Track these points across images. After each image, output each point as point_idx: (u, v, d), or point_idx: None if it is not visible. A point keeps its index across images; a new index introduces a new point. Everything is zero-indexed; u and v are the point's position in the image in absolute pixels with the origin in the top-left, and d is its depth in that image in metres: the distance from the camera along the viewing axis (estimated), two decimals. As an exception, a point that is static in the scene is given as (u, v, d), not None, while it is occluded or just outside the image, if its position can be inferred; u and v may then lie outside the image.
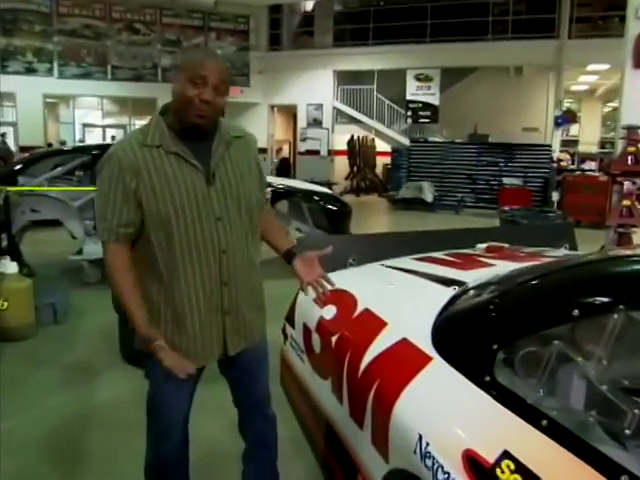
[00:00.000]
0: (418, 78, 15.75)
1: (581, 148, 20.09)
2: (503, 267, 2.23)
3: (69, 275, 5.98)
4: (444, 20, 14.91)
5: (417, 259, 2.59)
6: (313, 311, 2.21)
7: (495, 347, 1.37)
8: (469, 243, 2.90)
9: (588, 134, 21.21)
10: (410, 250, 2.77)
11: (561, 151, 15.79)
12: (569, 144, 18.93)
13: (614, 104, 23.20)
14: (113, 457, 2.80)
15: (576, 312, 1.23)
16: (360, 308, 1.99)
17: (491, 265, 2.29)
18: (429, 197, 13.79)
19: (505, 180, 13.41)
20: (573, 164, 15.67)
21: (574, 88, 18.94)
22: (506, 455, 1.17)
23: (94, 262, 5.90)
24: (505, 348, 1.36)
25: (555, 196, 12.16)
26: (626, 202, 4.89)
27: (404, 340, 1.69)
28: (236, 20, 15.94)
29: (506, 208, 7.15)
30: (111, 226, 1.66)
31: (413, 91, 15.95)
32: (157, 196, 1.64)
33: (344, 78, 16.86)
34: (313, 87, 16.41)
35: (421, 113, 16.03)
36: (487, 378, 1.35)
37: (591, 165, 15.08)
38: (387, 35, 15.46)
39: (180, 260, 1.68)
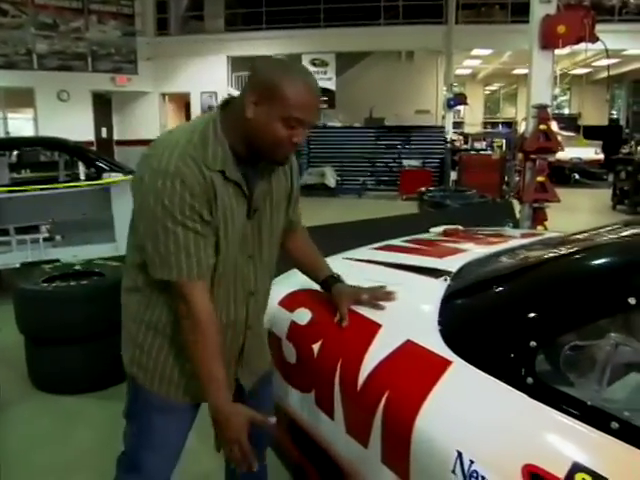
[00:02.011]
0: (314, 63, 15.63)
1: (467, 129, 21.21)
2: (477, 251, 2.12)
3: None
4: (337, 5, 14.88)
5: (377, 248, 2.42)
6: (281, 316, 1.97)
7: (534, 344, 1.22)
8: (417, 228, 2.79)
9: (473, 116, 22.45)
10: (359, 241, 2.60)
11: (452, 132, 16.47)
12: (456, 125, 19.86)
13: (493, 87, 24.78)
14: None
15: (633, 300, 1.10)
16: (342, 309, 1.77)
17: (462, 250, 2.17)
18: (332, 182, 13.81)
19: (404, 162, 13.73)
20: (466, 144, 16.42)
21: (458, 72, 19.84)
22: (578, 468, 1.02)
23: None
24: (545, 345, 1.22)
25: (453, 175, 12.67)
26: (540, 178, 5.08)
27: (409, 343, 1.50)
28: (119, 2, 14.80)
29: (423, 189, 7.24)
30: (199, 260, 1.34)
31: (309, 76, 15.81)
32: (217, 229, 1.38)
33: (239, 64, 16.36)
34: (206, 74, 15.76)
35: (318, 99, 15.94)
36: (530, 380, 1.19)
37: (482, 144, 15.89)
38: (281, 20, 15.18)
39: (214, 304, 1.42)
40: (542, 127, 5.02)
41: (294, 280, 2.12)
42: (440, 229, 2.64)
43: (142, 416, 1.55)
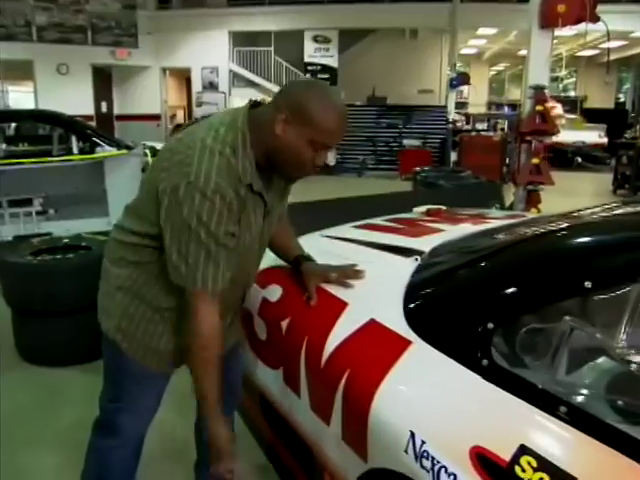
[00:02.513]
0: (316, 39, 15.44)
1: (471, 110, 20.99)
2: (454, 232, 2.10)
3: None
4: (341, -20, 14.64)
5: (358, 227, 2.41)
6: (253, 292, 1.96)
7: (491, 326, 1.21)
8: (404, 207, 2.77)
9: (477, 96, 22.18)
10: (344, 218, 2.58)
11: (455, 112, 16.32)
12: (460, 106, 19.65)
13: (499, 67, 24.45)
14: (23, 476, 2.41)
15: (588, 284, 1.09)
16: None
17: (441, 230, 2.15)
18: (332, 161, 13.71)
19: (405, 142, 13.62)
20: (467, 125, 16.27)
21: (463, 52, 19.58)
22: (524, 450, 1.02)
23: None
24: (502, 327, 1.21)
25: (453, 156, 12.57)
26: (535, 160, 5.02)
27: (372, 322, 1.50)
28: (120, -26, 14.62)
29: (418, 169, 7.19)
30: (224, 275, 1.36)
31: (311, 53, 15.64)
32: (238, 239, 1.41)
33: (240, 39, 16.16)
34: (208, 49, 15.59)
35: (320, 76, 15.75)
36: (485, 362, 1.19)
37: (484, 125, 15.74)
38: (283, -5, 14.95)
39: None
40: (539, 108, 4.95)
41: (268, 256, 2.11)
42: (423, 209, 2.62)
43: (120, 382, 1.60)
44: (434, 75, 17.11)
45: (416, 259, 1.73)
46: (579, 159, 14.84)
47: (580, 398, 1.07)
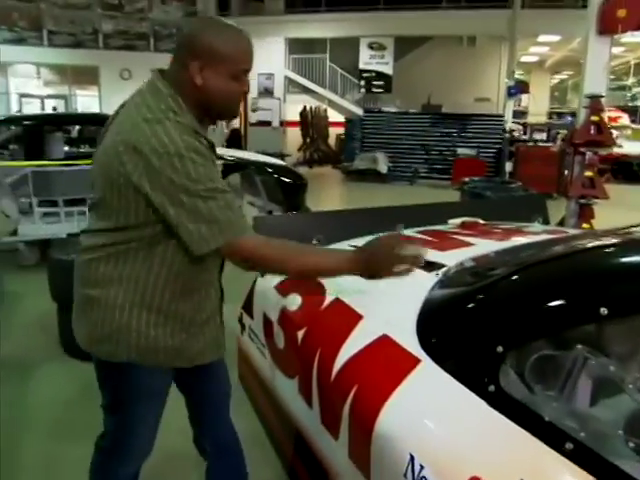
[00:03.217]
0: (371, 47, 15.42)
1: (530, 119, 20.39)
2: (484, 246, 2.03)
3: (2, 258, 5.49)
4: (398, -13, 14.57)
5: (387, 238, 2.35)
6: (275, 300, 1.96)
7: (500, 350, 1.15)
8: (440, 218, 2.69)
9: (537, 105, 21.54)
10: (378, 228, 2.53)
11: (512, 122, 15.90)
12: (519, 115, 19.12)
13: (562, 76, 23.67)
14: (53, 464, 2.50)
15: (605, 311, 1.02)
16: (329, 298, 1.75)
17: (470, 244, 2.08)
18: (383, 168, 13.64)
19: (459, 150, 13.37)
20: (525, 134, 15.81)
21: (524, 59, 19.07)
22: (523, 486, 0.96)
23: (31, 243, 5.47)
24: (513, 351, 1.14)
25: (508, 166, 12.23)
26: (588, 173, 4.81)
27: (384, 337, 1.46)
28: (182, -17, 15.12)
29: (466, 179, 7.02)
30: (240, 213, 1.38)
31: (366, 60, 15.63)
32: None
33: (296, 46, 16.35)
34: (264, 55, 15.77)
35: (374, 83, 15.75)
36: (492, 388, 1.13)
37: (542, 136, 15.26)
38: (340, 2, 15.01)
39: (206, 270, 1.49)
40: (594, 118, 4.74)
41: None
42: (458, 221, 2.54)
43: (123, 401, 1.56)
44: (492, 83, 16.73)
45: (437, 274, 1.67)
46: (640, 171, 14.14)
47: (589, 435, 0.99)
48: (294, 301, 1.84)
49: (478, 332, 1.25)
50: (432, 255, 1.94)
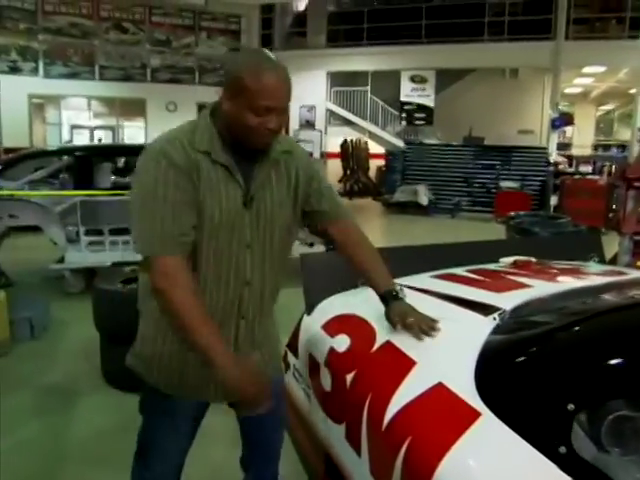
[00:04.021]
0: (413, 79, 15.50)
1: (575, 151, 19.98)
2: (542, 288, 1.92)
3: (49, 285, 5.63)
4: (439, 21, 14.67)
5: (437, 277, 2.28)
6: (321, 341, 1.89)
7: (572, 407, 1.06)
8: (491, 257, 2.60)
9: (582, 137, 21.13)
10: (426, 265, 2.46)
11: (557, 154, 15.61)
12: (563, 147, 18.77)
13: (607, 107, 23.20)
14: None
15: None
16: (380, 340, 1.67)
17: (526, 285, 1.97)
18: (424, 200, 13.51)
19: (502, 183, 13.15)
20: (570, 167, 15.48)
21: (568, 91, 18.80)
22: None
23: (76, 271, 5.59)
24: (586, 410, 1.05)
25: (553, 200, 11.94)
26: (643, 208, 4.62)
27: (440, 386, 1.37)
28: (227, 19, 15.59)
29: (512, 214, 6.86)
30: (171, 235, 1.38)
31: (408, 92, 15.70)
32: (201, 210, 1.43)
33: (337, 79, 16.58)
34: (306, 88, 16.08)
35: (416, 115, 15.78)
36: (562, 449, 1.04)
37: (588, 168, 14.90)
38: (381, 36, 15.22)
39: (200, 288, 1.47)
40: (648, 152, 4.56)
41: (340, 303, 2.05)
42: (510, 259, 2.44)
43: (145, 414, 1.66)
44: (535, 115, 16.53)
45: (494, 318, 1.59)
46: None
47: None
48: (343, 342, 1.77)
49: (547, 387, 1.16)
50: (486, 297, 1.86)
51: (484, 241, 2.89)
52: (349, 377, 1.65)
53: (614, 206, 11.58)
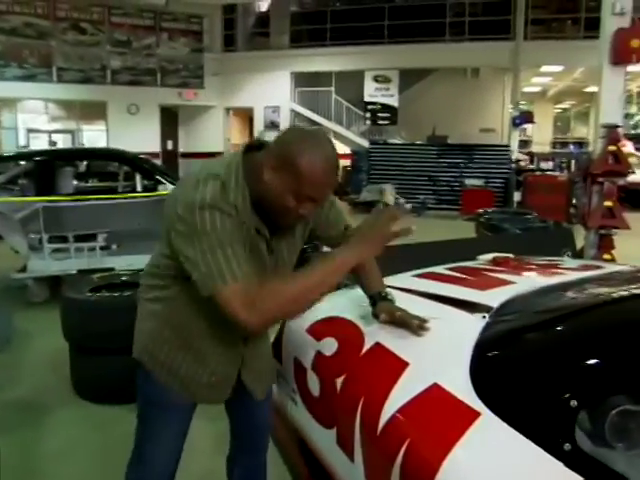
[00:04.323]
0: (376, 79, 15.59)
1: (534, 148, 20.48)
2: (525, 284, 1.94)
3: (12, 295, 5.41)
4: (401, 21, 14.80)
5: (419, 276, 2.27)
6: (307, 344, 1.86)
7: (574, 404, 1.05)
8: (468, 254, 2.61)
9: (541, 135, 21.67)
10: (404, 265, 2.45)
11: (518, 151, 15.95)
12: (523, 145, 19.21)
13: (564, 105, 23.85)
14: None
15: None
16: (369, 343, 1.64)
17: (509, 282, 1.98)
18: (391, 200, 13.61)
19: (467, 181, 13.36)
20: (532, 164, 15.84)
21: (527, 90, 19.24)
22: None
23: (40, 280, 5.40)
24: (589, 406, 1.04)
25: (517, 196, 12.19)
26: (608, 203, 4.74)
27: (435, 387, 1.35)
28: (189, 20, 15.37)
29: (480, 210, 6.97)
30: (238, 264, 1.33)
31: (371, 92, 15.78)
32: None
33: (301, 80, 16.55)
34: (270, 89, 16.04)
35: (380, 115, 15.88)
36: (567, 446, 1.03)
37: (548, 165, 15.28)
38: (345, 36, 15.26)
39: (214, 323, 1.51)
40: (611, 148, 4.69)
41: (324, 306, 2.01)
42: (489, 257, 2.46)
43: (146, 409, 1.65)
44: (496, 114, 16.86)
45: (484, 317, 1.58)
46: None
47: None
48: (330, 346, 1.74)
49: (547, 384, 1.15)
50: (472, 295, 1.86)
51: (461, 239, 2.90)
52: (339, 381, 1.62)
53: (574, 201, 11.95)
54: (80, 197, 5.73)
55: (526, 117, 13.99)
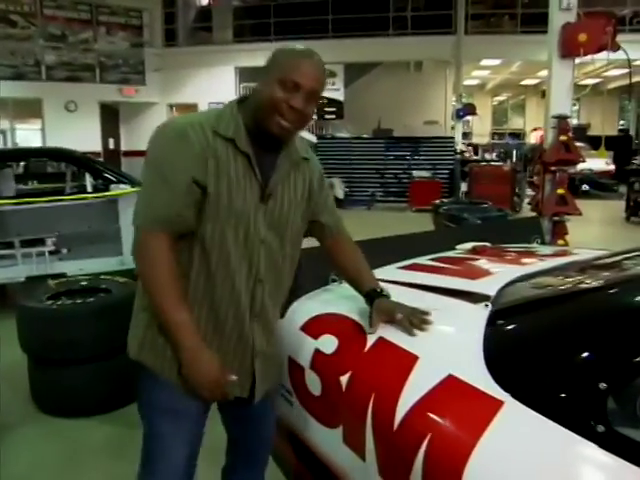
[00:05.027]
0: (322, 74, 15.58)
1: (475, 140, 21.12)
2: (512, 271, 1.96)
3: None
4: (345, 15, 14.85)
5: (405, 268, 2.26)
6: (303, 343, 1.81)
7: (604, 386, 1.06)
8: (444, 245, 2.63)
9: (481, 126, 22.36)
10: (381, 259, 2.44)
11: (461, 143, 16.37)
12: (465, 136, 19.75)
13: (501, 98, 24.68)
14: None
15: None
16: (372, 338, 1.62)
17: (497, 271, 2.01)
18: (340, 194, 13.66)
19: (415, 173, 13.59)
20: (476, 155, 16.29)
21: (466, 83, 19.78)
22: None
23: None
24: (618, 387, 1.05)
25: (464, 186, 12.50)
26: (560, 191, 4.92)
27: (451, 378, 1.34)
28: (128, 14, 14.83)
29: (437, 202, 7.11)
30: (165, 215, 1.38)
31: (317, 87, 15.75)
32: (217, 201, 1.39)
33: (246, 75, 16.32)
34: (214, 84, 15.71)
35: (326, 109, 15.88)
36: (601, 428, 1.03)
37: (492, 155, 15.75)
38: (289, 30, 15.14)
39: (210, 284, 1.44)
40: (563, 138, 4.87)
41: (317, 302, 1.97)
42: (468, 246, 2.48)
43: (150, 415, 1.53)
44: (439, 106, 17.23)
45: (486, 305, 1.58)
46: (587, 187, 14.78)
47: None
48: (329, 343, 1.70)
49: (573, 367, 1.16)
50: (466, 284, 1.86)
51: (435, 231, 2.92)
52: (344, 379, 1.58)
53: (517, 189, 12.38)
54: (24, 200, 5.43)
55: (469, 109, 14.37)
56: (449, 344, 1.49)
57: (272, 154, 1.48)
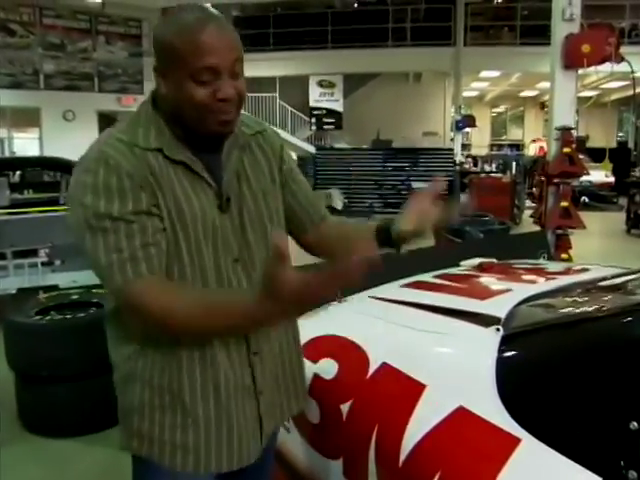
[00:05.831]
0: (321, 84, 15.58)
1: (474, 151, 21.10)
2: (522, 291, 1.85)
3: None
4: (345, 26, 14.87)
5: (407, 286, 2.16)
6: (301, 366, 1.70)
7: (635, 426, 0.96)
8: (450, 261, 2.53)
9: (480, 138, 22.36)
10: (384, 275, 2.33)
11: (460, 154, 16.33)
12: (463, 148, 19.73)
13: (499, 109, 24.71)
14: None
15: None
16: (375, 363, 1.51)
17: (506, 289, 1.90)
18: (339, 205, 13.61)
19: (414, 184, 13.51)
20: (475, 166, 16.25)
21: (466, 94, 19.81)
22: None
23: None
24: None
25: (463, 198, 12.43)
26: (564, 203, 4.84)
27: (462, 410, 1.24)
28: (127, 23, 14.80)
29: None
30: (133, 252, 1.05)
31: (316, 97, 15.77)
32: (171, 222, 1.11)
33: (246, 84, 16.33)
34: (213, 94, 15.70)
35: (325, 120, 15.88)
36: (633, 474, 0.93)
37: (492, 167, 15.72)
38: (288, 41, 15.16)
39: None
40: (566, 150, 4.79)
41: (315, 324, 1.86)
42: (474, 262, 2.38)
43: None
44: (438, 117, 17.24)
45: (497, 329, 1.48)
46: (586, 199, 14.72)
47: None
48: (329, 368, 1.60)
49: (599, 404, 1.05)
50: (474, 305, 1.76)
51: (437, 246, 2.82)
52: (344, 407, 1.47)
53: (517, 201, 12.31)
54: (17, 210, 5.33)
55: (468, 121, 14.34)
56: (458, 372, 1.38)
57: (213, 148, 1.18)
